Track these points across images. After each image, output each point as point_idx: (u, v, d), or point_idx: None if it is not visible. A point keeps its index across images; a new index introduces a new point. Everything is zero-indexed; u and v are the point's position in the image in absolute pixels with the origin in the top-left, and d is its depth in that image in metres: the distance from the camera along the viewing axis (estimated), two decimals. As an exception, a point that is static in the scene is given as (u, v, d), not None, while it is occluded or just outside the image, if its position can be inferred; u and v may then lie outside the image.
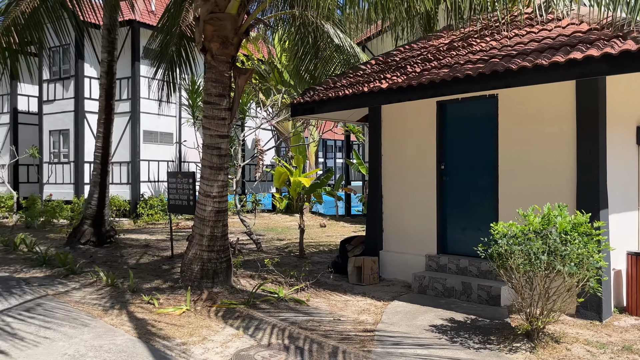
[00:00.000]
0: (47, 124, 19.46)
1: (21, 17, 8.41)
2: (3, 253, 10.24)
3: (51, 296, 6.62)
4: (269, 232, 14.12)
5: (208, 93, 6.57)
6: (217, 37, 6.41)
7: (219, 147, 6.65)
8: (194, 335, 5.09)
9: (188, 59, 9.70)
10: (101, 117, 10.96)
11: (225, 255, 6.84)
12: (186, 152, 20.55)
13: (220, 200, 6.71)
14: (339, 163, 52.48)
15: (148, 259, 9.62)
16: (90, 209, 11.08)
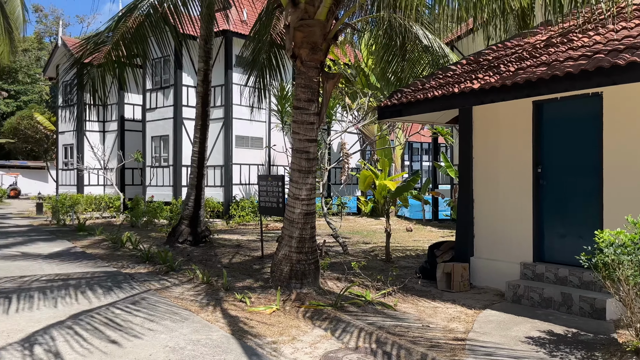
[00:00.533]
0: (150, 130, 20.94)
1: (128, 32, 9.13)
2: (112, 250, 11.15)
3: (154, 291, 7.10)
4: (354, 235, 14.15)
5: (297, 98, 6.73)
6: (307, 43, 6.55)
7: (308, 151, 6.78)
8: (284, 335, 5.22)
9: (278, 65, 10.01)
10: (198, 123, 11.60)
11: (313, 257, 6.95)
12: (275, 156, 21.16)
13: (308, 202, 6.84)
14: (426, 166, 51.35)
15: (240, 259, 10.01)
16: (187, 210, 11.75)
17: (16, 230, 15.38)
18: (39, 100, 46.47)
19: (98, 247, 11.53)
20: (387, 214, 10.03)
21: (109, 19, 9.34)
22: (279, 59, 9.95)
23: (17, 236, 13.70)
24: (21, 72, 46.10)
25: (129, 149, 23.27)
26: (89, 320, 5.58)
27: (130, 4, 9.14)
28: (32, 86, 46.98)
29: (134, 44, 9.06)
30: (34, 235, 13.89)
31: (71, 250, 11.06)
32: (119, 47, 8.97)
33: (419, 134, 23.23)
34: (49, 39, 53.34)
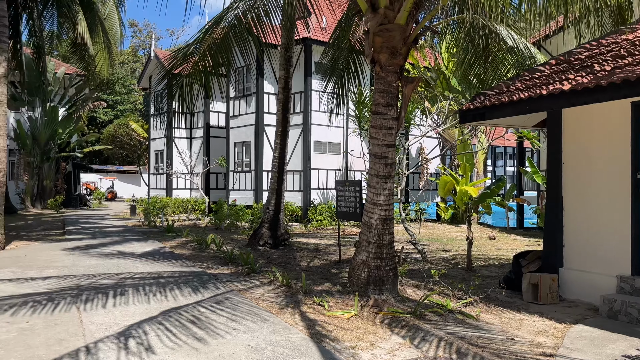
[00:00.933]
0: (233, 136, 21.79)
1: (214, 43, 9.56)
2: (197, 251, 11.69)
3: (236, 291, 7.36)
4: (433, 242, 13.84)
5: (376, 103, 6.72)
6: (386, 48, 6.53)
7: (386, 156, 6.74)
8: (362, 341, 5.21)
9: (356, 71, 10.05)
10: (278, 129, 11.90)
11: (391, 263, 6.89)
12: (352, 161, 21.22)
13: (386, 208, 6.79)
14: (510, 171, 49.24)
15: (318, 263, 10.13)
16: (268, 214, 12.07)
17: (113, 230, 16.57)
18: (133, 109, 49.90)
19: (185, 248, 12.14)
20: (469, 221, 9.71)
21: (197, 32, 9.83)
22: (358, 64, 9.98)
23: (113, 236, 14.75)
24: (118, 84, 49.74)
25: (214, 154, 24.34)
26: (177, 317, 5.89)
27: (217, 16, 9.56)
28: (127, 96, 50.55)
29: (219, 54, 9.43)
30: (128, 235, 14.89)
31: (161, 250, 11.74)
32: (205, 57, 9.39)
33: (502, 138, 22.31)
34: (143, 52, 57.16)
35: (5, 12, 11.81)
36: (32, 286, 7.58)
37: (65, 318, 5.81)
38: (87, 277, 8.30)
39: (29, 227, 17.10)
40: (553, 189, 7.32)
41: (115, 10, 17.32)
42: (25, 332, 5.28)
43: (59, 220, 20.34)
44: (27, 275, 8.42)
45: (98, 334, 5.26)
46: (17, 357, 4.58)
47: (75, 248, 11.91)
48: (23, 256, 10.66)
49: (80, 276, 8.35)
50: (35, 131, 26.72)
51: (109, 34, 15.99)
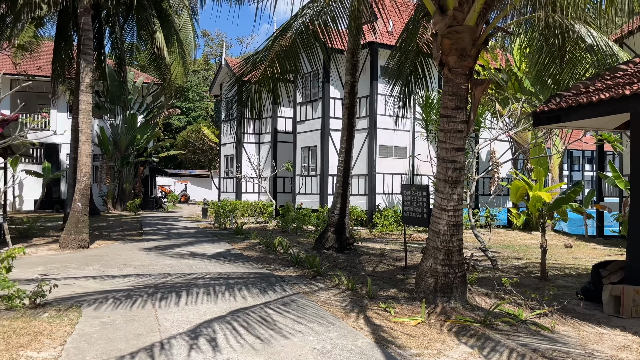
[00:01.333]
0: (299, 141, 22.12)
1: (281, 50, 9.76)
2: (265, 253, 11.96)
3: (302, 294, 7.45)
4: (504, 250, 13.34)
5: (444, 106, 6.59)
6: (455, 50, 6.39)
7: (455, 160, 6.59)
8: (429, 348, 5.11)
9: (423, 74, 9.90)
10: (344, 134, 11.95)
11: (460, 270, 6.71)
12: (419, 166, 20.89)
13: (455, 214, 6.63)
14: (588, 176, 46.52)
15: (383, 268, 10.05)
16: (333, 218, 12.13)
17: (185, 232, 17.29)
18: (205, 115, 51.89)
19: (253, 250, 12.45)
20: (543, 228, 9.28)
21: (265, 40, 10.10)
22: (425, 67, 9.83)
23: (186, 237, 15.39)
24: (191, 91, 51.92)
25: (281, 159, 24.80)
26: (245, 317, 6.05)
27: (285, 24, 9.76)
28: (199, 103, 52.64)
29: (287, 60, 9.61)
30: (199, 237, 15.48)
31: (230, 252, 12.10)
32: (273, 64, 9.60)
33: (580, 141, 21.16)
34: (214, 60, 59.34)
35: (90, 25, 12.70)
36: (112, 283, 8.06)
37: (143, 314, 6.14)
38: (162, 276, 8.72)
39: (110, 228, 18.20)
40: (638, 195, 6.85)
41: (190, 21, 18.11)
42: (107, 327, 5.62)
43: (136, 221, 21.50)
44: (108, 273, 8.97)
45: (172, 330, 5.51)
46: (99, 350, 4.88)
47: (151, 248, 12.54)
48: (105, 255, 11.36)
49: (156, 275, 8.78)
50: (117, 137, 28.44)
51: (183, 44, 16.75)
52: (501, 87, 19.93)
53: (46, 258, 10.81)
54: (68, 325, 5.63)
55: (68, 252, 11.75)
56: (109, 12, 17.33)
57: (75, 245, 12.13)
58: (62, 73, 17.31)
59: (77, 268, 9.49)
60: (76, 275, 8.70)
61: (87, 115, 12.47)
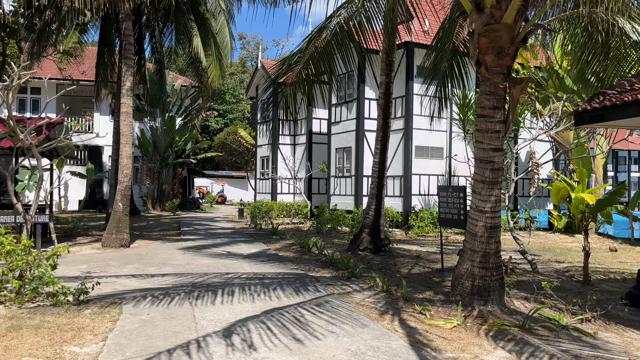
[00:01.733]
0: (334, 142, 22.13)
1: (316, 51, 9.79)
2: (300, 253, 12.01)
3: (336, 295, 7.45)
4: (545, 253, 12.97)
5: (482, 106, 6.47)
6: (492, 48, 6.27)
7: (492, 161, 6.45)
8: (465, 352, 5.02)
9: (460, 73, 9.75)
10: (378, 134, 11.89)
11: (497, 273, 6.57)
12: (456, 166, 20.56)
13: (492, 215, 6.49)
14: (635, 177, 44.77)
15: (419, 270, 9.94)
16: (368, 219, 12.09)
17: (222, 232, 17.56)
18: (241, 117, 52.58)
19: (288, 251, 12.53)
20: (585, 230, 8.99)
21: (301, 41, 10.16)
22: (461, 66, 9.68)
23: (223, 237, 15.63)
24: (228, 94, 52.73)
25: (316, 160, 24.88)
26: (279, 317, 6.10)
27: (319, 25, 9.79)
28: (236, 105, 53.40)
29: (321, 61, 9.63)
30: (236, 237, 15.69)
31: (266, 252, 12.22)
32: (308, 66, 9.63)
33: (626, 141, 20.37)
34: (251, 62, 60.08)
35: (131, 31, 13.08)
36: (151, 282, 8.27)
37: (180, 312, 6.27)
38: (199, 275, 8.88)
39: (150, 228, 18.67)
40: (687, 197, 6.54)
41: (226, 25, 18.41)
42: (146, 324, 5.77)
43: (175, 221, 21.98)
44: (147, 272, 9.21)
45: (208, 328, 5.60)
46: (139, 346, 5.01)
47: (189, 248, 12.79)
48: (145, 254, 11.66)
49: (193, 274, 8.95)
50: (156, 139, 29.16)
51: (220, 47, 17.03)
52: (541, 85, 19.40)
53: (89, 256, 11.19)
54: (109, 321, 5.80)
55: (110, 251, 12.12)
56: (149, 17, 17.81)
57: (117, 244, 12.50)
58: (105, 77, 17.88)
59: (118, 266, 9.78)
60: (117, 274, 8.96)
61: (128, 118, 12.84)
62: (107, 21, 16.38)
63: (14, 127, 7.98)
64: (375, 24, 9.90)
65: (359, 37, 9.64)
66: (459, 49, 9.54)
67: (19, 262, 6.59)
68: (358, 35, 9.62)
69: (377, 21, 9.87)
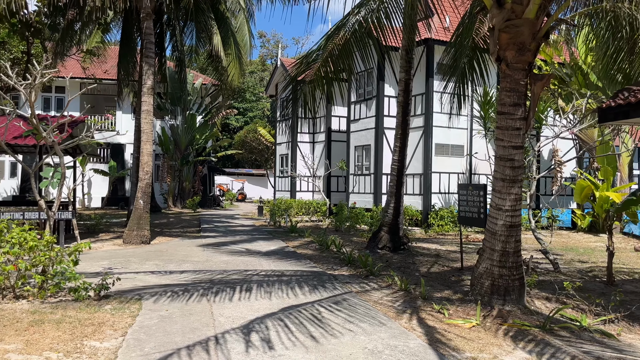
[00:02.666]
0: (353, 140, 22.06)
1: (335, 49, 9.74)
2: (318, 251, 12.01)
3: (354, 293, 7.42)
4: (567, 252, 12.74)
5: (502, 103, 6.37)
6: (513, 44, 6.16)
7: (513, 159, 6.35)
8: (484, 352, 4.96)
9: (480, 70, 9.62)
10: (398, 132, 11.81)
11: (517, 272, 6.47)
12: (477, 164, 20.32)
13: (512, 214, 6.39)
14: (662, 176, 43.59)
15: (438, 269, 9.85)
16: (387, 217, 12.02)
17: (241, 229, 17.67)
18: (261, 115, 52.83)
19: (307, 248, 12.54)
20: (610, 230, 8.80)
21: (320, 39, 10.12)
22: (481, 63, 9.54)
23: (242, 234, 15.73)
24: (248, 92, 53.01)
25: (335, 158, 24.84)
26: (296, 314, 6.10)
27: (338, 22, 9.74)
28: (256, 104, 53.66)
29: (340, 59, 9.59)
30: (255, 235, 15.77)
31: (284, 250, 12.25)
32: (327, 64, 9.59)
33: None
34: (270, 61, 60.29)
35: (152, 30, 13.22)
36: (170, 278, 8.35)
37: (198, 309, 6.32)
38: (218, 272, 8.95)
39: (170, 225, 18.89)
40: None
41: (246, 23, 18.50)
42: (165, 320, 5.83)
43: (195, 218, 22.20)
44: (167, 268, 9.31)
45: (226, 325, 5.63)
46: (157, 342, 5.07)
47: (208, 245, 12.90)
48: (165, 250, 11.80)
49: (212, 271, 9.02)
50: (177, 137, 29.47)
51: (239, 45, 17.12)
52: (565, 82, 19.04)
53: (110, 252, 11.36)
54: (129, 317, 5.88)
55: (130, 248, 12.29)
56: (170, 16, 17.98)
57: (137, 241, 12.67)
58: (127, 76, 18.13)
59: (139, 263, 9.91)
60: (137, 270, 9.08)
61: (149, 116, 12.99)
62: (128, 21, 16.59)
63: (37, 125, 8.14)
64: (394, 20, 9.80)
65: (378, 34, 9.55)
66: (479, 45, 9.41)
67: (42, 258, 6.72)
68: (377, 32, 9.52)
69: (397, 16, 9.76)
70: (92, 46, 19.81)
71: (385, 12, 9.66)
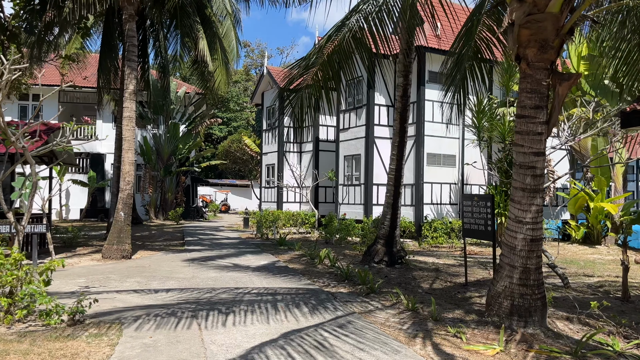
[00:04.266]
0: (343, 149, 21.49)
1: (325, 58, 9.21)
2: (311, 266, 11.34)
3: (358, 314, 6.78)
4: (569, 265, 12.27)
5: (522, 105, 5.83)
6: (535, 41, 5.64)
7: (534, 166, 5.81)
8: (517, 386, 4.35)
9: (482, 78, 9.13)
10: (395, 140, 11.25)
11: (539, 291, 5.91)
12: (469, 174, 19.93)
13: (534, 227, 5.84)
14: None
15: (441, 284, 9.26)
16: (383, 229, 11.42)
17: (228, 242, 16.89)
18: (245, 125, 52.08)
19: (298, 263, 11.86)
20: (624, 242, 8.32)
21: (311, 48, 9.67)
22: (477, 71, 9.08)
23: (229, 248, 14.96)
24: (232, 102, 52.26)
25: (323, 168, 24.24)
26: (299, 341, 5.42)
27: (329, 32, 9.25)
28: (240, 113, 52.91)
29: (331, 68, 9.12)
30: (242, 248, 15.02)
31: (275, 264, 11.55)
32: (317, 73, 9.15)
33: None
34: (255, 71, 59.67)
35: (135, 32, 12.50)
36: (154, 298, 7.61)
37: (187, 335, 5.60)
38: (206, 290, 8.22)
39: (153, 238, 18.02)
40: None
41: (233, 28, 17.88)
42: (149, 349, 5.11)
43: (178, 231, 21.33)
44: (150, 287, 8.55)
45: (219, 356, 4.94)
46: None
47: (194, 259, 12.14)
48: (147, 266, 11.00)
49: (199, 289, 8.29)
50: (159, 147, 28.59)
51: (227, 51, 16.48)
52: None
53: (88, 269, 10.54)
54: (107, 346, 5.15)
55: (110, 263, 11.47)
56: (153, 20, 17.28)
57: (118, 255, 11.86)
58: (108, 82, 17.32)
59: (119, 280, 9.13)
60: (118, 289, 8.31)
61: (131, 123, 12.24)
62: (110, 25, 15.85)
63: (5, 128, 7.37)
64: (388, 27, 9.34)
65: (369, 42, 9.11)
66: (481, 49, 8.94)
67: (8, 278, 5.95)
68: (368, 40, 9.08)
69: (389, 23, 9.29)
70: (71, 52, 18.93)
71: (379, 16, 9.21)
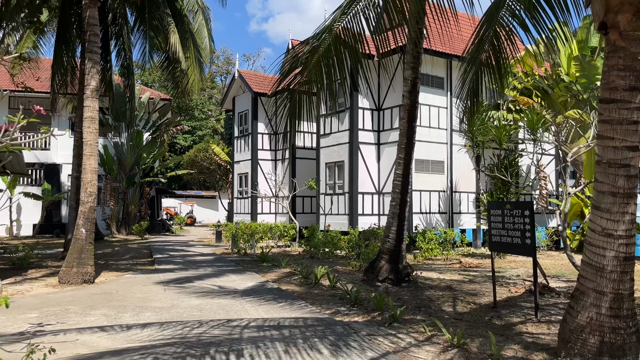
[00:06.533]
0: (324, 156, 20.13)
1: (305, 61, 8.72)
2: (306, 287, 9.89)
3: (392, 354, 5.38)
4: (573, 277, 11.24)
5: (611, 87, 4.63)
6: (629, 4, 4.46)
7: (628, 165, 4.60)
8: None
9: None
10: (402, 141, 9.96)
11: (633, 323, 4.68)
12: (457, 182, 18.94)
13: (627, 241, 4.62)
14: None
15: (464, 307, 7.98)
16: (388, 243, 10.10)
17: (203, 259, 15.20)
18: (211, 134, 50.07)
19: (290, 283, 10.39)
20: None
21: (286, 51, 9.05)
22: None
23: (206, 266, 13.31)
24: (197, 110, 50.22)
25: (300, 177, 22.82)
26: (340, 406, 3.99)
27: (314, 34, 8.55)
28: (205, 122, 50.88)
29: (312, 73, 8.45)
30: (221, 266, 13.39)
31: (265, 286, 10.03)
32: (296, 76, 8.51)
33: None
34: (220, 78, 57.76)
35: (97, 19, 10.83)
36: (128, 338, 6.00)
37: (182, 401, 4.08)
38: (192, 324, 6.66)
39: (117, 255, 16.15)
40: None
41: (205, 25, 16.34)
42: None
43: (145, 247, 19.44)
44: (121, 321, 6.91)
45: None
46: None
47: (169, 282, 10.48)
48: (114, 292, 9.30)
49: (184, 323, 6.72)
50: (121, 156, 26.54)
51: (200, 47, 14.92)
52: (547, 93, 18.09)
53: (42, 298, 8.76)
54: None
55: (69, 289, 9.68)
56: (116, 15, 15.56)
57: (78, 280, 10.07)
58: (64, 84, 15.44)
59: (81, 313, 7.43)
60: (80, 325, 6.65)
61: (93, 125, 10.52)
62: (66, 15, 14.04)
63: None
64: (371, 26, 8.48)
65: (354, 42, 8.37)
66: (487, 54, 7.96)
67: None
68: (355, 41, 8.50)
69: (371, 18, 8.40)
70: (23, 51, 16.93)
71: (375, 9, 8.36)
